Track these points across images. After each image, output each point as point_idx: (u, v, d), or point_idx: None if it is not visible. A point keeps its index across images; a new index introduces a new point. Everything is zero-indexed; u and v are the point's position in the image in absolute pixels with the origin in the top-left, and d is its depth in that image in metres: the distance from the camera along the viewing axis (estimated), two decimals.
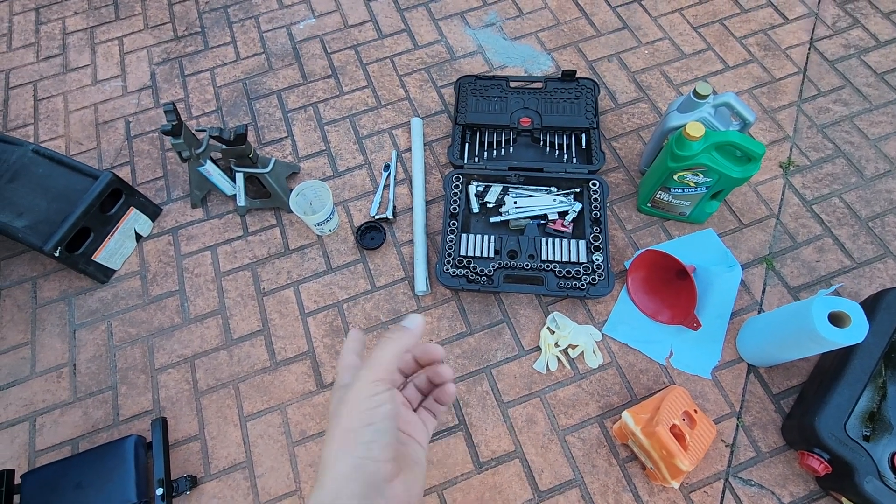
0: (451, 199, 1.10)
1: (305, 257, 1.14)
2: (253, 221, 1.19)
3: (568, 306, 1.05)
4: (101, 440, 0.98)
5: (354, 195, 1.20)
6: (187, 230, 1.19)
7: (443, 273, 1.02)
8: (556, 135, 1.19)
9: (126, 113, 1.35)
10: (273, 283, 1.12)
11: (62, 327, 1.10)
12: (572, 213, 1.09)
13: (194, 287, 1.13)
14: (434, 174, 1.22)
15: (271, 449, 0.96)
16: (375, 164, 1.24)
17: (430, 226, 1.15)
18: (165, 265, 1.15)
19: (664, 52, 1.34)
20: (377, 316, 1.07)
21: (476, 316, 1.06)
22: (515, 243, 1.06)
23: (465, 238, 1.07)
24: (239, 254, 1.16)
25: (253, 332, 1.07)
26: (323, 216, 1.07)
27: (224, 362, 1.05)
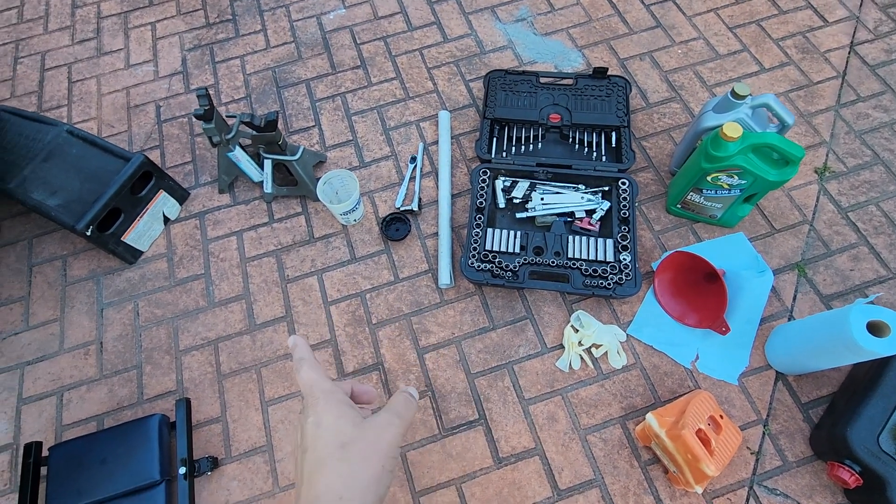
0: (478, 193, 1.09)
1: (330, 246, 1.15)
2: (279, 209, 1.20)
3: (592, 305, 1.04)
4: (126, 418, 1.00)
5: (380, 186, 1.20)
6: (214, 215, 1.20)
7: (467, 267, 1.02)
8: (585, 132, 1.18)
9: (157, 97, 1.37)
10: (297, 271, 1.12)
11: (90, 305, 1.11)
12: (600, 212, 1.08)
13: (219, 271, 1.14)
14: (460, 168, 1.21)
15: (292, 434, 0.97)
16: (402, 155, 1.24)
17: (455, 219, 1.15)
18: (192, 248, 1.17)
19: (698, 51, 1.32)
20: (399, 307, 1.07)
21: (499, 311, 1.05)
22: (541, 240, 1.05)
23: (491, 233, 1.06)
24: (264, 240, 1.16)
25: (276, 318, 1.08)
26: (349, 206, 1.07)
27: (247, 347, 1.06)
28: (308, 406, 0.31)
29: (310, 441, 0.29)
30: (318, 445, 0.29)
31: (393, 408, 0.33)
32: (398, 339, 1.04)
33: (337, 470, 0.27)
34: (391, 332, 1.05)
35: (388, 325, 1.06)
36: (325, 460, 0.28)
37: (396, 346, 1.03)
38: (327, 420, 0.30)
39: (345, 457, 0.28)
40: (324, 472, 0.27)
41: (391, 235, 1.13)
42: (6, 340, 1.08)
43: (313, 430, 0.29)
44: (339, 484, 0.27)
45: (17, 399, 1.02)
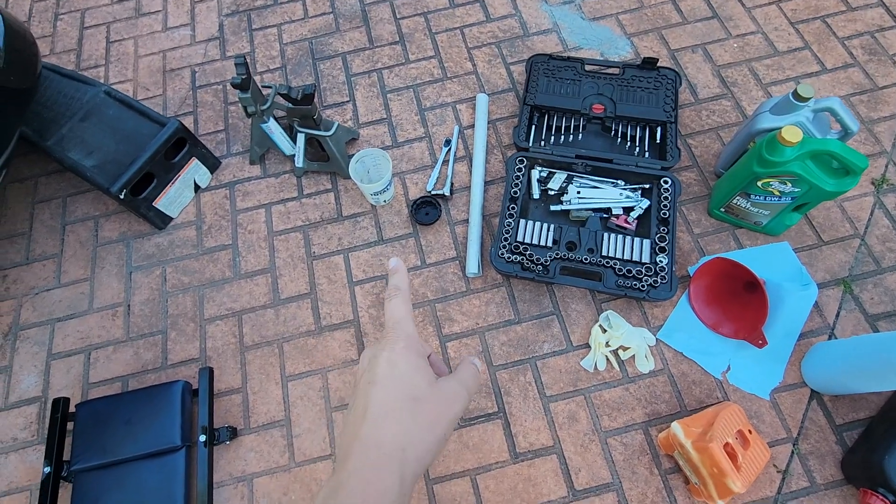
0: (513, 182, 1.06)
1: (358, 225, 1.13)
2: (308, 184, 1.19)
3: (622, 306, 1.01)
4: (149, 381, 1.01)
5: (412, 168, 1.18)
6: (244, 186, 1.20)
7: (497, 257, 0.99)
8: (629, 125, 1.13)
9: (193, 62, 1.35)
10: (323, 248, 1.12)
11: (120, 268, 1.13)
12: (638, 210, 1.04)
13: (247, 243, 1.13)
14: (495, 154, 1.18)
15: (310, 411, 0.97)
16: (436, 137, 1.21)
17: (487, 207, 1.12)
18: (220, 218, 1.16)
19: (755, 46, 1.24)
20: (425, 293, 1.06)
21: (526, 305, 1.03)
22: (575, 235, 1.02)
23: (524, 224, 1.03)
24: (292, 215, 1.16)
25: (300, 294, 1.08)
26: (380, 186, 1.05)
27: (270, 321, 1.06)
28: (387, 341, 0.31)
29: (380, 377, 0.29)
30: (388, 386, 0.28)
31: (463, 379, 0.32)
32: (422, 326, 1.03)
33: (406, 423, 0.27)
34: (415, 318, 1.03)
35: (415, 310, 1.04)
36: (395, 407, 0.27)
37: (420, 332, 1.02)
38: (403, 366, 0.29)
39: (415, 412, 0.28)
40: (392, 418, 0.27)
41: (420, 219, 1.11)
42: (39, 295, 1.10)
43: (387, 369, 0.29)
44: (405, 438, 0.27)
45: (48, 354, 1.05)
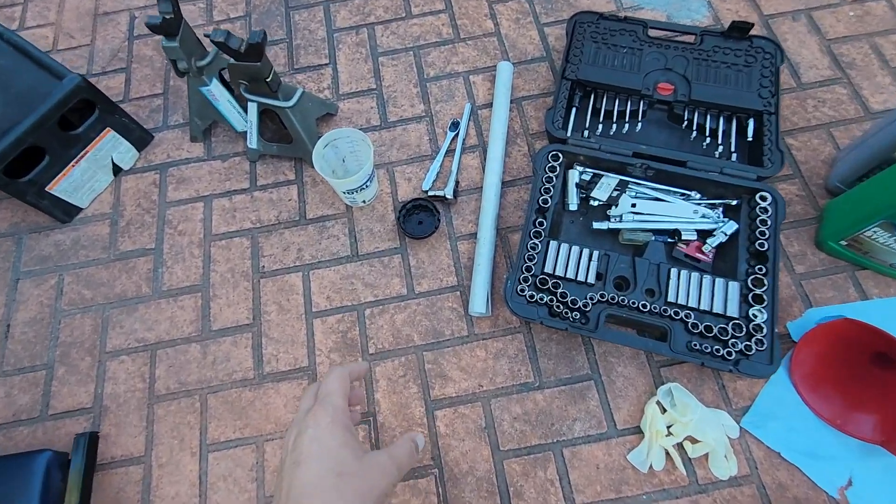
0: (542, 185, 0.75)
1: (325, 233, 0.83)
2: (265, 172, 0.88)
3: (691, 372, 0.70)
4: (21, 437, 0.73)
5: (405, 157, 0.87)
6: (180, 170, 0.90)
7: (515, 294, 0.69)
8: (708, 115, 0.81)
9: (133, 5, 1.05)
10: (276, 262, 0.82)
11: (3, 272, 0.83)
12: (721, 236, 0.72)
13: (174, 248, 0.84)
14: (519, 145, 0.86)
15: (236, 499, 0.68)
16: (440, 118, 0.90)
17: (504, 219, 0.81)
18: (144, 212, 0.87)
19: (880, 16, 0.91)
20: (409, 335, 0.76)
21: (551, 362, 0.72)
22: (628, 267, 0.71)
23: (555, 247, 0.72)
24: (240, 213, 0.86)
25: (239, 324, 0.78)
26: (357, 182, 0.74)
27: (194, 360, 0.76)
28: (312, 416, 0.31)
29: (304, 456, 0.29)
30: (312, 465, 0.29)
31: (396, 455, 0.32)
32: (402, 382, 0.73)
33: (330, 500, 0.27)
34: (393, 370, 0.74)
35: (390, 357, 0.75)
36: (318, 484, 0.28)
37: (398, 392, 0.72)
38: (329, 442, 0.29)
39: (340, 488, 0.28)
40: (317, 497, 0.27)
41: (411, 230, 0.80)
42: None
43: (311, 446, 0.29)
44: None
45: None
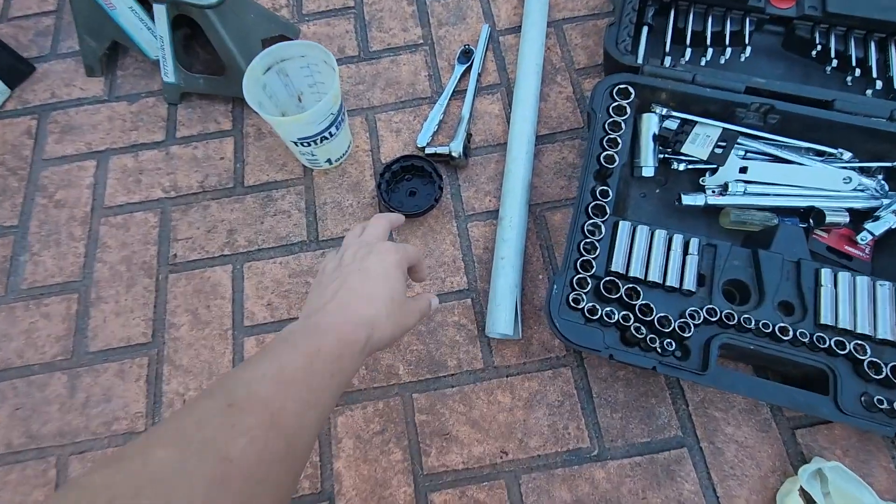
0: (605, 133, 0.48)
1: (271, 207, 0.56)
2: (189, 118, 0.61)
3: (849, 439, 0.44)
4: None
5: (392, 100, 0.60)
6: (67, 114, 0.62)
7: (565, 307, 0.42)
8: (851, 38, 0.53)
9: None
10: (196, 248, 0.54)
11: None
12: (889, 219, 0.45)
13: (47, 227, 0.56)
14: (559, 84, 0.59)
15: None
16: (445, 45, 0.62)
17: (539, 189, 0.54)
18: (8, 174, 0.59)
19: None
20: (391, 365, 0.48)
21: (618, 416, 0.45)
22: (745, 266, 0.44)
23: (627, 230, 0.45)
24: (148, 176, 0.58)
25: (130, 344, 0.51)
26: (314, 121, 0.47)
27: (56, 399, 0.49)
28: (386, 248, 0.33)
29: (371, 270, 0.32)
30: (375, 280, 0.31)
31: (421, 306, 0.35)
32: (377, 444, 0.46)
33: (380, 311, 0.30)
34: (364, 422, 0.47)
35: (360, 402, 0.47)
36: (375, 296, 0.30)
37: (371, 460, 0.45)
38: (393, 272, 0.32)
39: (389, 309, 0.31)
40: (371, 304, 0.30)
41: (398, 203, 0.53)
42: None
43: (378, 266, 0.32)
44: (377, 320, 0.29)
45: None
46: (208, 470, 0.18)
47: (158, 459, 0.18)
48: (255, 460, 0.20)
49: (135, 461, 0.18)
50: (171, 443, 0.19)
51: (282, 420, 0.22)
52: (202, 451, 0.19)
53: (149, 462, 0.18)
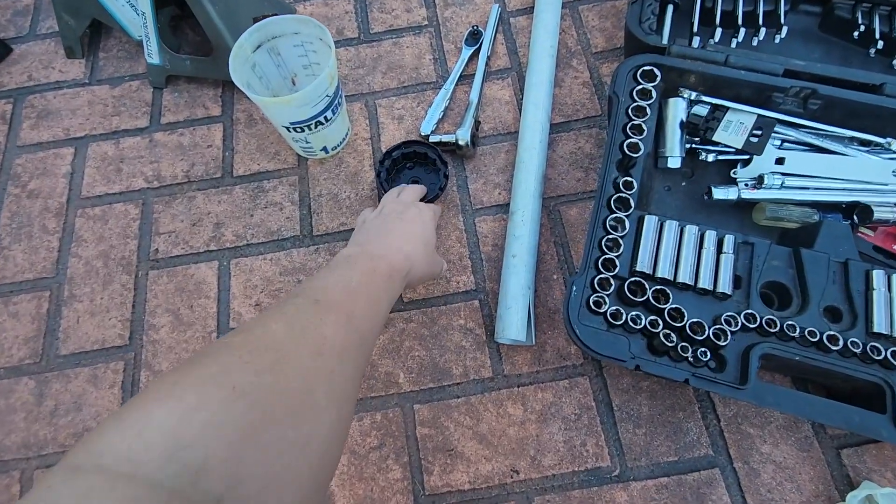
0: (629, 119, 0.43)
1: (262, 198, 0.51)
2: (175, 103, 0.56)
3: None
4: None
5: (395, 85, 0.55)
6: (45, 98, 0.58)
7: (586, 311, 0.38)
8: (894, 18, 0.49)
9: None
10: (179, 243, 0.50)
11: None
12: None
13: (18, 218, 0.52)
14: (575, 69, 0.55)
15: None
16: (451, 27, 0.58)
17: (554, 181, 0.50)
18: None
19: None
20: (390, 372, 0.44)
21: (642, 433, 0.41)
22: (786, 266, 0.40)
23: (653, 226, 0.41)
24: (129, 164, 0.54)
25: (105, 346, 0.46)
26: (307, 103, 0.43)
27: (22, 407, 0.45)
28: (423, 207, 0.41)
29: (409, 218, 0.38)
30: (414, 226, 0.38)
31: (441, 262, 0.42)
32: (374, 460, 0.41)
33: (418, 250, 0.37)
34: (360, 437, 0.42)
35: (356, 415, 0.43)
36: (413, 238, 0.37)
37: (367, 478, 0.41)
38: (429, 225, 0.39)
39: (425, 251, 0.37)
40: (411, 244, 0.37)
41: None
42: None
43: (416, 215, 0.39)
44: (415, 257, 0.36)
45: None
46: (311, 341, 0.24)
47: (274, 330, 0.24)
48: (340, 342, 0.25)
49: (257, 330, 0.24)
50: (282, 321, 0.25)
51: (353, 319, 0.28)
52: (305, 329, 0.25)
53: (268, 331, 0.24)
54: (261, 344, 0.23)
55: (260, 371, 0.21)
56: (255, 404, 0.19)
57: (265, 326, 0.24)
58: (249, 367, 0.21)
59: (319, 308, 0.27)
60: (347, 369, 0.25)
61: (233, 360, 0.21)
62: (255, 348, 0.22)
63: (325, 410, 0.22)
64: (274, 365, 0.22)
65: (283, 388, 0.21)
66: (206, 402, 0.18)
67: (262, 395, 0.20)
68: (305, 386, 0.22)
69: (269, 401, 0.20)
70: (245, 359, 0.21)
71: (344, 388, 0.24)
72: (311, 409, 0.21)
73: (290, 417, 0.20)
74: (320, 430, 0.21)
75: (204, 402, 0.18)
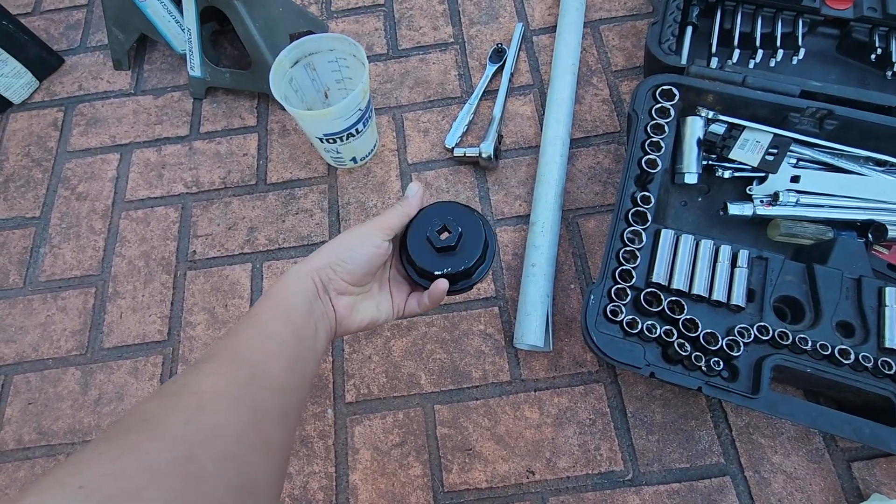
0: (647, 136, 0.45)
1: (293, 205, 0.54)
2: (214, 113, 0.60)
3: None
4: None
5: (421, 99, 0.58)
6: (93, 107, 0.62)
7: (603, 319, 0.39)
8: None
9: None
10: (215, 245, 0.53)
11: None
12: None
13: (67, 219, 0.56)
14: (595, 87, 0.57)
15: None
16: (476, 45, 0.60)
17: (573, 195, 0.52)
18: (33, 165, 0.59)
19: None
20: (413, 374, 0.46)
21: (655, 439, 0.42)
22: (800, 282, 0.41)
23: (670, 239, 0.42)
24: (170, 170, 0.57)
25: (146, 341, 0.49)
26: (341, 116, 0.45)
27: (69, 395, 0.48)
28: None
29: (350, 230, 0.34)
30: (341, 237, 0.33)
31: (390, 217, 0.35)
32: (396, 456, 0.43)
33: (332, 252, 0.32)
34: (383, 433, 0.44)
35: (379, 412, 0.45)
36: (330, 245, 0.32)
37: (389, 474, 0.43)
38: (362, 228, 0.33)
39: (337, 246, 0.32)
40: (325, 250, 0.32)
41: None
42: None
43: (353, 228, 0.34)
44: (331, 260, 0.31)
45: None
46: (183, 402, 0.23)
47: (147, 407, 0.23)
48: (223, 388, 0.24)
49: (132, 409, 0.23)
50: (156, 396, 0.24)
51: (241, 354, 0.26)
52: (178, 393, 0.23)
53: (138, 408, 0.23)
54: (130, 423, 0.21)
55: (115, 458, 0.19)
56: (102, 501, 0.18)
57: (139, 407, 0.23)
58: (103, 459, 0.19)
59: (198, 365, 0.25)
60: (241, 412, 0.23)
61: (86, 454, 0.19)
62: (120, 430, 0.21)
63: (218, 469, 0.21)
64: (135, 447, 0.20)
65: (167, 463, 0.19)
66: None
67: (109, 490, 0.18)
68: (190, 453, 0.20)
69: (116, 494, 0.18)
70: (100, 449, 0.20)
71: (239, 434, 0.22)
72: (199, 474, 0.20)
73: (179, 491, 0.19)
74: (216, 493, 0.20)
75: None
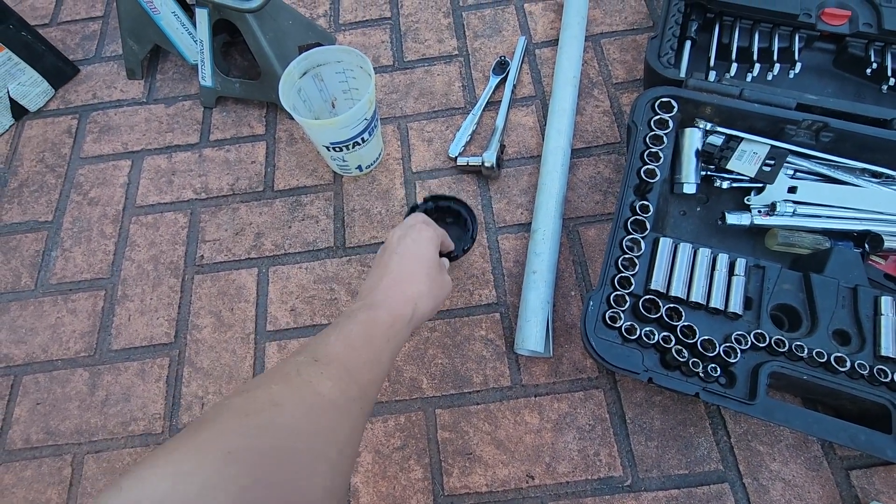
0: (646, 147, 0.46)
1: (300, 212, 0.55)
2: (223, 122, 0.61)
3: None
4: None
5: (425, 110, 0.59)
6: (106, 115, 0.63)
7: (602, 325, 0.40)
8: None
9: None
10: (222, 250, 0.54)
11: None
12: None
13: (79, 223, 0.57)
14: (596, 98, 0.58)
15: None
16: (480, 57, 0.62)
17: (574, 203, 0.53)
18: (47, 170, 0.60)
19: None
20: (414, 378, 0.47)
21: (653, 445, 0.43)
22: (797, 290, 0.41)
23: (668, 247, 0.43)
24: (180, 177, 0.58)
25: (153, 343, 0.50)
26: (347, 125, 0.47)
27: (76, 396, 0.49)
28: (419, 228, 0.39)
29: (406, 249, 0.37)
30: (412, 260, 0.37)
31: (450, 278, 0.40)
32: (397, 460, 0.44)
33: (422, 287, 0.35)
34: (385, 437, 0.45)
35: (380, 416, 0.46)
36: (417, 272, 0.36)
37: (389, 477, 0.43)
38: (426, 251, 0.37)
39: (429, 284, 0.36)
40: (413, 280, 0.36)
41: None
42: None
43: (412, 245, 0.37)
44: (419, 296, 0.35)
45: None
46: (308, 399, 0.25)
47: (273, 391, 0.24)
48: (338, 396, 0.26)
49: (256, 391, 0.24)
50: (281, 381, 0.26)
51: (353, 371, 0.28)
52: (302, 387, 0.25)
53: (266, 392, 0.24)
54: (258, 405, 0.23)
55: (256, 434, 0.22)
56: (248, 468, 0.20)
57: (265, 387, 0.25)
58: (245, 431, 0.21)
59: (318, 365, 0.27)
60: (345, 424, 0.26)
61: (229, 424, 0.22)
62: (252, 410, 0.23)
63: (320, 470, 0.23)
64: (269, 427, 0.22)
65: (277, 450, 0.21)
66: (200, 467, 0.19)
67: (256, 458, 0.20)
68: (301, 446, 0.23)
69: (262, 464, 0.20)
70: (242, 422, 0.22)
71: (341, 444, 0.25)
72: (305, 469, 0.22)
73: (284, 479, 0.21)
74: (314, 490, 0.22)
75: (198, 467, 0.19)
